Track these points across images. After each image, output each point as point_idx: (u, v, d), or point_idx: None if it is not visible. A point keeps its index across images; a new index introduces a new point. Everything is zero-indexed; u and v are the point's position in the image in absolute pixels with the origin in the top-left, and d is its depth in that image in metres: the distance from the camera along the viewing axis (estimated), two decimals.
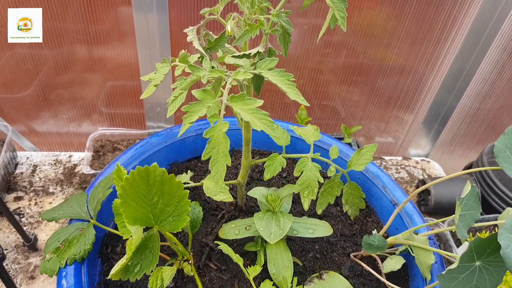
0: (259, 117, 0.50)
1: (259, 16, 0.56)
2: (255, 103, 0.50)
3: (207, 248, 0.74)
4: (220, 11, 0.60)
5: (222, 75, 0.54)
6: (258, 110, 0.50)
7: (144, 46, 1.21)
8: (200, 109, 0.52)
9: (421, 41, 1.27)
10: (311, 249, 0.75)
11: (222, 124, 0.50)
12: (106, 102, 1.35)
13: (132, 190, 0.55)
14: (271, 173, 0.71)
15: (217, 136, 0.50)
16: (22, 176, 1.29)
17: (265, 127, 0.50)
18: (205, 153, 0.51)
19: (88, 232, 0.66)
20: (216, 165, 0.51)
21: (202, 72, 0.57)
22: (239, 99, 0.51)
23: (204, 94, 0.52)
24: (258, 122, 0.50)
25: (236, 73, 0.53)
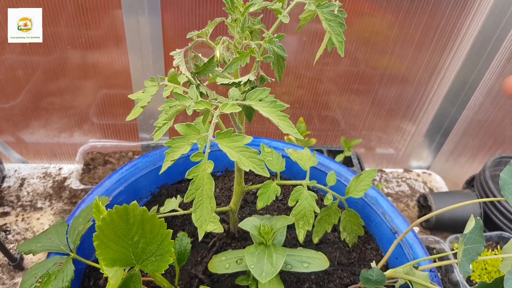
0: (248, 155, 0.46)
1: (249, 42, 0.51)
2: (243, 140, 0.46)
3: (196, 280, 0.70)
4: (209, 33, 0.56)
5: (209, 107, 0.49)
6: (247, 147, 0.46)
7: (135, 52, 1.17)
8: (184, 145, 0.48)
9: (424, 50, 1.22)
10: (307, 280, 0.71)
11: (207, 163, 0.46)
12: (98, 112, 1.31)
13: (110, 230, 0.51)
14: (265, 201, 0.66)
15: (201, 177, 0.46)
16: (10, 190, 1.25)
17: (254, 166, 0.46)
18: (188, 194, 0.47)
19: (66, 268, 0.62)
20: (200, 207, 0.46)
21: (188, 102, 0.52)
22: (225, 136, 0.46)
23: (188, 129, 0.48)
24: (246, 161, 0.46)
25: (223, 106, 0.48)
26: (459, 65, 1.21)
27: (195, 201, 0.46)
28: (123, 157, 1.30)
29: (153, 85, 0.69)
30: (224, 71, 0.51)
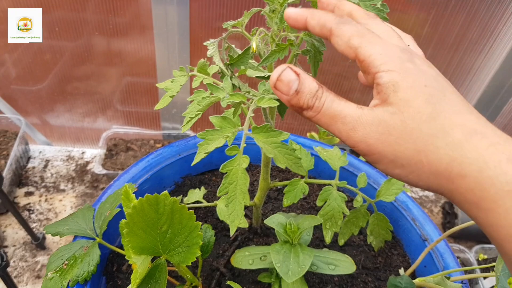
0: (284, 152, 0.45)
1: (288, 33, 0.50)
2: (279, 136, 0.44)
3: (217, 273, 0.69)
4: (245, 24, 0.54)
5: (244, 100, 0.48)
6: (283, 144, 0.45)
7: (162, 41, 1.16)
8: (218, 137, 0.47)
9: (457, 51, 1.19)
10: (330, 282, 0.69)
11: (242, 158, 0.45)
12: (122, 99, 1.31)
13: (140, 218, 0.51)
14: (291, 199, 0.65)
15: (235, 171, 0.45)
16: (34, 171, 1.27)
17: (290, 163, 0.45)
18: (221, 188, 0.45)
19: (93, 252, 0.62)
20: (232, 202, 0.45)
21: (222, 94, 0.51)
22: (262, 131, 0.45)
23: (223, 122, 0.47)
24: (282, 158, 0.45)
25: (260, 100, 0.47)
26: (495, 68, 1.17)
27: (228, 195, 0.45)
28: (145, 145, 1.30)
29: (182, 74, 0.68)
30: (261, 64, 0.49)
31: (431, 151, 0.32)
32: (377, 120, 0.33)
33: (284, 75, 0.36)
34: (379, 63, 0.34)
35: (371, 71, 0.34)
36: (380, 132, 0.33)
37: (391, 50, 0.34)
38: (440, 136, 0.32)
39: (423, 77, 0.34)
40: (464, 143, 0.31)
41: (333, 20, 0.37)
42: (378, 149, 0.33)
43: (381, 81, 0.33)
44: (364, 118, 0.33)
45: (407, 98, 0.32)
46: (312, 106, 0.35)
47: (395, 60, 0.34)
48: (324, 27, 0.37)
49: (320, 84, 0.36)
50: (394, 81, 0.33)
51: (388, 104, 0.33)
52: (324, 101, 0.35)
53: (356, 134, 0.34)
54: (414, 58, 0.35)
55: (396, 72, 0.33)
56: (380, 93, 0.34)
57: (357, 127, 0.33)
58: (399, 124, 0.32)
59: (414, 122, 0.32)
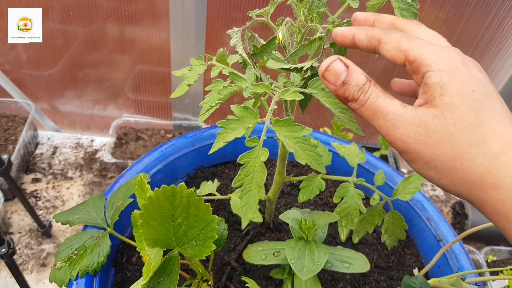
0: (305, 147, 0.43)
1: (316, 25, 0.48)
2: (302, 130, 0.43)
3: (228, 267, 0.68)
4: (270, 13, 0.53)
5: (268, 91, 0.47)
6: (305, 139, 0.43)
7: (177, 30, 1.14)
8: (238, 127, 0.46)
9: (474, 51, 1.16)
10: (342, 279, 0.68)
11: (261, 150, 0.43)
12: (133, 87, 1.30)
13: (155, 210, 0.49)
14: (307, 195, 0.64)
15: (253, 163, 0.43)
16: (42, 157, 1.26)
17: (311, 160, 0.43)
18: (237, 179, 0.44)
19: (103, 243, 0.61)
20: (247, 195, 0.44)
21: (245, 83, 0.50)
22: (284, 124, 0.44)
23: (244, 112, 0.45)
24: (302, 154, 0.43)
25: (284, 92, 0.45)
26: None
27: (242, 187, 0.44)
28: (155, 135, 1.29)
29: (200, 63, 0.66)
30: (290, 58, 0.48)
31: (467, 159, 0.32)
32: (418, 121, 0.33)
33: (333, 65, 0.37)
34: (430, 62, 0.34)
35: (421, 71, 0.34)
36: (419, 133, 0.33)
37: (442, 51, 0.34)
38: (479, 145, 0.32)
39: (472, 81, 0.33)
40: (501, 155, 0.31)
41: (381, 31, 0.38)
42: (415, 149, 0.33)
43: (429, 81, 0.33)
44: (406, 117, 0.34)
45: (452, 102, 0.32)
46: (357, 99, 0.36)
47: (446, 60, 0.34)
48: (372, 38, 0.38)
49: (369, 78, 0.37)
50: (442, 83, 0.33)
51: (432, 106, 0.33)
52: (369, 95, 0.36)
53: (396, 131, 0.34)
54: (466, 59, 0.35)
55: (445, 73, 0.33)
56: (426, 93, 0.34)
57: (397, 124, 0.34)
58: (439, 128, 0.32)
59: (455, 128, 0.32)
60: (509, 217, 0.31)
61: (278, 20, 0.52)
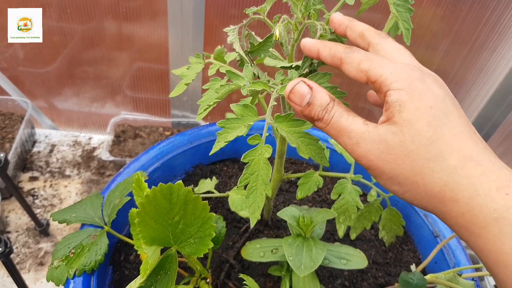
0: (307, 142, 0.43)
1: (314, 21, 0.48)
2: (303, 125, 0.43)
3: (227, 264, 0.68)
4: (267, 10, 0.53)
5: (266, 89, 0.47)
6: (307, 133, 0.43)
7: (176, 28, 1.14)
8: (239, 126, 0.46)
9: (473, 48, 1.16)
10: (340, 276, 0.69)
11: (264, 147, 0.43)
12: (132, 85, 1.29)
13: (152, 208, 0.49)
14: (305, 192, 0.64)
15: (257, 161, 0.43)
16: (39, 155, 1.26)
17: (314, 154, 0.43)
18: (242, 178, 0.44)
19: (101, 241, 0.61)
20: (253, 193, 0.44)
21: (243, 81, 0.50)
22: (285, 120, 0.44)
23: (244, 110, 0.45)
24: (305, 149, 0.43)
25: (283, 89, 0.45)
26: (510, 65, 1.15)
27: (249, 186, 0.44)
28: (154, 132, 1.29)
29: (198, 62, 0.66)
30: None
31: (426, 174, 0.33)
32: (379, 138, 0.34)
33: (297, 88, 0.39)
34: (390, 82, 0.35)
35: (383, 90, 0.35)
36: (381, 150, 0.34)
37: (402, 69, 0.35)
38: (436, 160, 0.33)
39: (431, 97, 0.34)
40: (458, 169, 0.32)
41: (342, 50, 0.39)
42: (378, 165, 0.35)
43: (389, 99, 0.35)
44: (367, 134, 0.35)
45: (410, 119, 0.33)
46: (322, 118, 0.38)
47: (405, 78, 0.35)
48: (335, 57, 0.39)
49: (333, 97, 0.38)
50: (401, 101, 0.34)
51: (392, 123, 0.34)
52: (333, 115, 0.37)
53: (359, 149, 0.35)
54: (424, 76, 0.36)
55: (404, 91, 0.34)
56: (387, 110, 0.35)
57: (360, 142, 0.35)
58: (399, 144, 0.33)
59: (413, 144, 0.33)
60: (469, 230, 0.32)
61: (275, 17, 0.52)
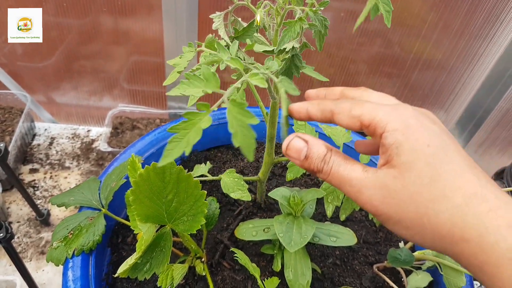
0: (245, 133, 0.41)
1: (294, 7, 0.50)
2: (251, 118, 0.41)
3: (221, 245, 0.70)
4: None
5: (240, 69, 0.48)
6: (248, 127, 0.42)
7: (170, 22, 1.16)
8: (199, 89, 0.45)
9: (463, 36, 1.18)
10: (331, 255, 0.71)
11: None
12: (128, 78, 1.32)
13: (146, 187, 0.52)
14: (295, 174, 0.66)
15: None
16: (39, 148, 1.28)
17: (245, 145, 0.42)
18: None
19: (98, 222, 0.63)
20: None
21: (226, 55, 0.51)
22: (238, 107, 0.41)
23: (212, 77, 0.45)
24: (240, 137, 0.41)
25: (252, 75, 0.45)
26: (500, 52, 1.17)
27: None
28: (151, 124, 1.31)
29: (190, 50, 0.68)
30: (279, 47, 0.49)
31: (432, 215, 0.32)
32: (380, 184, 0.34)
33: (292, 144, 0.39)
34: (384, 123, 0.35)
35: (378, 133, 0.35)
36: (383, 195, 0.34)
37: (394, 110, 0.35)
38: (440, 201, 0.32)
39: (426, 135, 0.34)
40: (464, 208, 0.31)
41: (331, 102, 0.39)
42: (383, 211, 0.34)
43: (385, 142, 0.34)
44: (368, 181, 0.35)
45: (408, 161, 0.33)
46: (322, 170, 0.38)
47: (398, 118, 0.34)
48: (325, 111, 0.39)
49: (330, 147, 0.38)
50: (397, 142, 0.34)
51: (391, 167, 0.34)
52: (331, 165, 0.37)
53: (362, 196, 0.35)
54: (417, 113, 0.36)
55: (399, 132, 0.34)
56: (384, 153, 0.35)
57: (362, 189, 0.35)
58: (400, 188, 0.33)
59: (415, 186, 0.33)
60: (483, 269, 0.31)
61: (258, 3, 0.54)
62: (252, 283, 0.66)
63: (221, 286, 0.66)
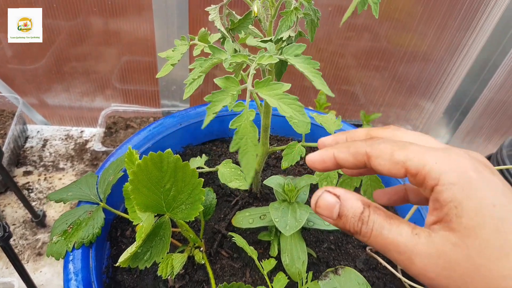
0: (288, 102, 0.47)
1: None
2: (281, 87, 0.47)
3: (219, 235, 0.72)
4: None
5: (246, 60, 0.50)
6: (286, 94, 0.47)
7: (161, 20, 1.17)
8: (224, 98, 0.49)
9: (447, 28, 1.21)
10: (326, 240, 0.73)
11: (248, 112, 0.47)
12: (120, 78, 1.32)
13: (144, 176, 0.53)
14: (289, 162, 0.68)
15: (244, 126, 0.47)
16: (32, 150, 1.28)
17: (295, 112, 0.46)
18: (233, 144, 0.47)
19: (97, 216, 0.64)
20: (246, 156, 0.47)
21: (224, 55, 0.53)
22: (264, 85, 0.47)
23: (227, 82, 0.49)
24: (286, 108, 0.46)
25: (261, 58, 0.49)
26: (482, 43, 1.20)
27: (240, 150, 0.47)
28: (144, 122, 1.32)
29: (183, 43, 0.70)
30: (276, 36, 0.51)
31: None
32: (436, 251, 0.28)
33: (322, 200, 0.34)
34: (437, 174, 0.29)
35: (428, 184, 0.30)
36: (441, 266, 0.28)
37: (447, 157, 0.30)
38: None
39: (490, 191, 0.28)
40: None
41: (365, 143, 0.34)
42: (442, 285, 0.29)
43: (440, 198, 0.29)
44: (420, 247, 0.29)
45: (472, 225, 0.27)
46: (360, 231, 0.32)
47: (455, 169, 0.29)
48: (358, 154, 0.34)
49: (367, 203, 0.32)
50: (456, 201, 0.28)
51: (449, 230, 0.28)
52: (372, 227, 0.31)
53: (414, 266, 0.29)
54: (475, 163, 0.30)
55: (458, 187, 0.28)
56: (438, 209, 0.30)
57: (413, 258, 0.29)
58: (463, 259, 0.27)
59: (482, 258, 0.27)
60: None
61: None
62: (250, 270, 0.68)
63: (220, 274, 0.67)
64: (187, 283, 0.66)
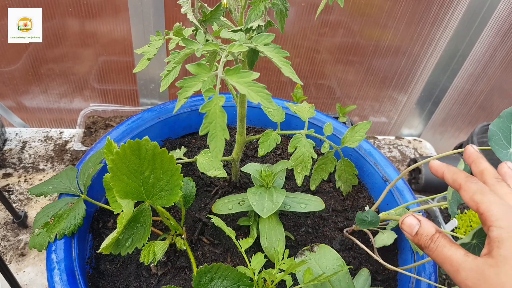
0: (256, 89, 0.49)
1: None
2: (251, 75, 0.49)
3: (200, 223, 0.74)
4: None
5: (217, 48, 0.53)
6: (255, 83, 0.50)
7: (137, 20, 1.19)
8: (195, 83, 0.51)
9: (417, 22, 1.26)
10: (304, 224, 0.75)
11: (218, 98, 0.49)
12: (99, 78, 1.33)
13: (123, 164, 0.54)
14: (266, 149, 0.70)
15: (213, 111, 0.49)
16: (11, 153, 1.27)
17: (262, 99, 0.49)
18: (203, 128, 0.49)
19: (78, 207, 0.65)
20: (214, 139, 0.50)
21: (196, 46, 0.56)
22: (234, 72, 0.50)
23: (198, 68, 0.51)
24: (254, 95, 0.49)
25: (231, 46, 0.52)
26: (450, 35, 1.25)
27: (209, 133, 0.49)
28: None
29: (158, 38, 0.72)
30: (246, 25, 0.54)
31: None
32: (477, 269, 0.39)
33: (407, 220, 0.46)
34: (495, 219, 0.40)
35: (487, 224, 0.41)
36: (477, 278, 0.39)
37: (507, 210, 0.40)
38: None
39: None
40: None
41: (463, 178, 0.45)
42: None
43: (491, 235, 0.40)
44: (466, 264, 0.40)
45: (506, 255, 0.38)
46: (428, 246, 0.43)
47: (508, 219, 0.40)
48: (456, 181, 0.46)
49: (439, 230, 0.44)
50: (500, 238, 0.39)
51: (490, 257, 0.39)
52: (437, 244, 0.43)
53: (459, 275, 0.40)
54: None
55: (505, 230, 0.39)
56: (488, 244, 0.40)
57: (460, 270, 0.40)
58: (493, 275, 0.38)
59: (507, 277, 0.37)
60: None
61: None
62: (231, 255, 0.70)
63: (202, 260, 0.69)
64: (169, 270, 0.68)
